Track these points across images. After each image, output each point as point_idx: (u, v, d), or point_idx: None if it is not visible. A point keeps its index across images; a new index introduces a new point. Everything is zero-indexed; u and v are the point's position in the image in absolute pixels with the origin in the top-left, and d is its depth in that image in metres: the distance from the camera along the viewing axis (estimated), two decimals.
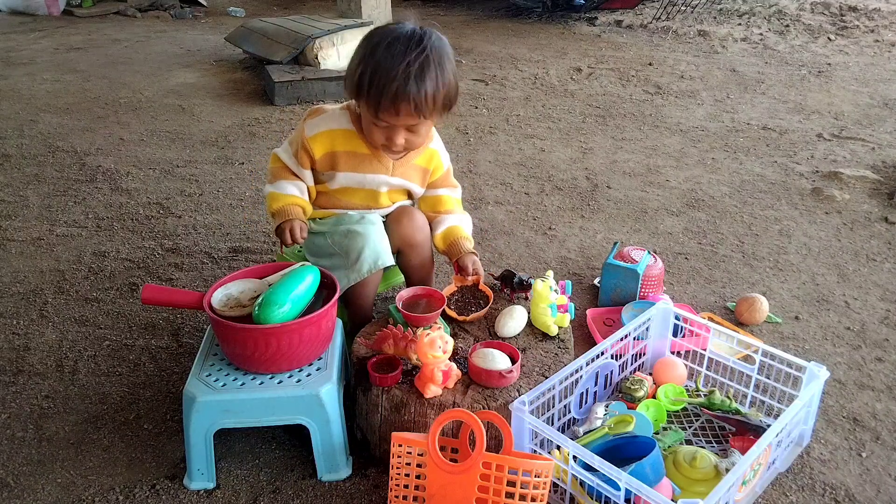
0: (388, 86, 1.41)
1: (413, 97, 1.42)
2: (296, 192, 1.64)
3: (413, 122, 1.49)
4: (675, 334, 1.77)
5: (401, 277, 1.82)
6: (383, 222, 1.71)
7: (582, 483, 1.33)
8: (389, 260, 1.62)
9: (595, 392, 1.61)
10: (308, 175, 1.66)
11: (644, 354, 1.76)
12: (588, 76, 4.55)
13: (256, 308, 1.38)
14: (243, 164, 3.15)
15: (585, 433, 1.49)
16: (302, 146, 1.61)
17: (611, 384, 1.67)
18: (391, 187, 1.70)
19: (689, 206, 2.79)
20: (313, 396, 1.39)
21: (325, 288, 1.53)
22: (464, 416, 1.30)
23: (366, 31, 1.57)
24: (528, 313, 1.66)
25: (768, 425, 1.40)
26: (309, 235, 1.70)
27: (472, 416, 1.28)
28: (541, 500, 1.25)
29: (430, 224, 1.76)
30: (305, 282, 1.46)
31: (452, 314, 1.65)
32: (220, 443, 1.46)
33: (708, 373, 1.72)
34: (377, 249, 1.59)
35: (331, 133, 1.60)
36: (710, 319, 1.96)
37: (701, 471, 1.36)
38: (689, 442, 1.56)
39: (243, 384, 1.41)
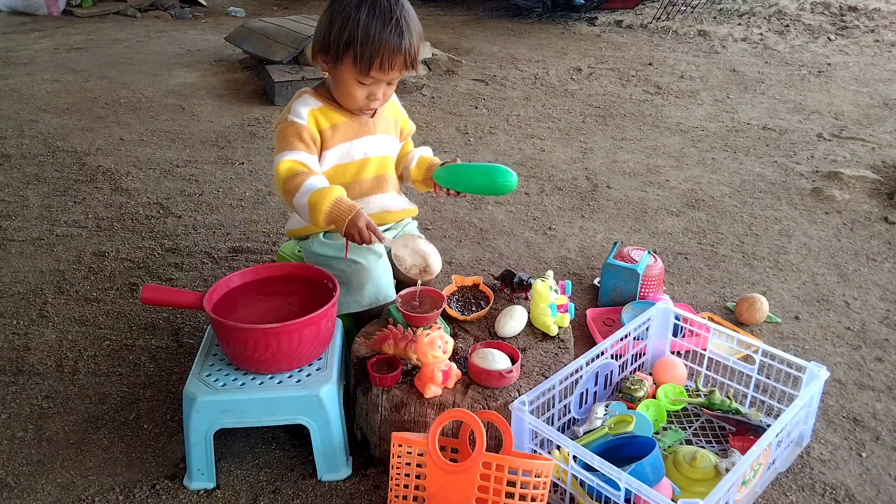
0: (384, 44, 1.44)
1: (406, 51, 1.47)
2: (329, 183, 1.51)
3: (401, 76, 1.53)
4: (675, 334, 1.77)
5: None
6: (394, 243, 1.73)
7: (582, 483, 1.33)
8: (392, 295, 1.65)
9: (595, 392, 1.61)
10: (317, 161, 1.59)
11: (644, 354, 1.76)
12: (588, 76, 4.55)
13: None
14: (243, 164, 3.15)
15: (585, 433, 1.49)
16: (303, 132, 1.54)
17: (611, 384, 1.67)
18: (377, 151, 1.68)
19: (689, 206, 2.79)
20: (313, 396, 1.39)
21: (326, 288, 1.53)
22: (464, 416, 1.30)
23: None
24: (528, 313, 1.66)
25: (768, 425, 1.40)
26: (315, 249, 1.70)
27: (472, 416, 1.28)
28: (541, 500, 1.25)
29: (401, 163, 1.78)
30: None
31: (452, 314, 1.65)
32: (220, 443, 1.46)
33: (708, 373, 1.72)
34: (379, 285, 1.63)
35: (312, 112, 1.57)
36: (710, 319, 1.96)
37: (701, 471, 1.36)
38: (689, 442, 1.56)
39: (243, 384, 1.41)
